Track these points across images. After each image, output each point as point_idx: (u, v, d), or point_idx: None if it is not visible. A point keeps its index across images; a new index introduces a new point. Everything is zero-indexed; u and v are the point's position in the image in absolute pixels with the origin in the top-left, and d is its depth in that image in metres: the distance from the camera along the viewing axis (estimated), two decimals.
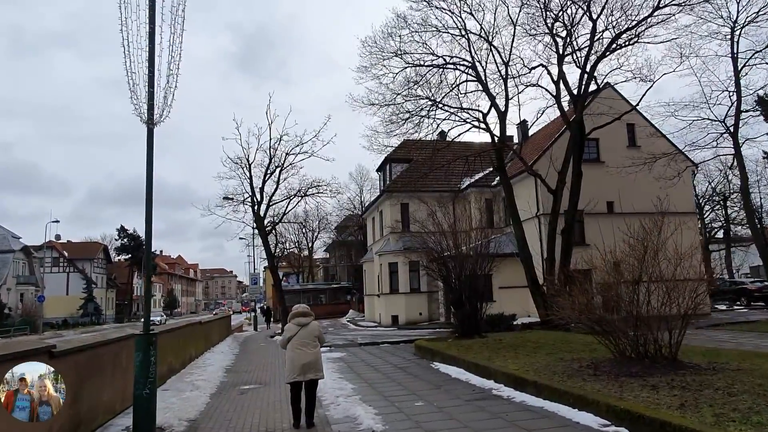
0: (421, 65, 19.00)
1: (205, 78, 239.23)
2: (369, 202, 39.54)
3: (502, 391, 8.16)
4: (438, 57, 18.93)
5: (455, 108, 19.32)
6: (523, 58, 24.00)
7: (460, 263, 15.14)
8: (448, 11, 18.28)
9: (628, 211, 19.03)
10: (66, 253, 64.94)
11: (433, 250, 16.61)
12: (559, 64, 17.97)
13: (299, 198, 29.34)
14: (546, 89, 19.00)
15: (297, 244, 60.10)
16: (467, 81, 19.38)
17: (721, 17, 20.01)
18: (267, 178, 27.66)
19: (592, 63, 17.61)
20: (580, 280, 9.13)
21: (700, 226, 37.54)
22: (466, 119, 19.43)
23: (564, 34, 17.83)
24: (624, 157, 22.52)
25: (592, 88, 18.51)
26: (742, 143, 21.31)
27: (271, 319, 37.18)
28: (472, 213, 23.28)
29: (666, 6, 16.46)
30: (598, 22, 17.21)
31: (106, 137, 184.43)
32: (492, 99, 18.98)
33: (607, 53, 17.55)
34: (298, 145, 26.98)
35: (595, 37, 17.35)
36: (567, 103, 19.98)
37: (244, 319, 48.65)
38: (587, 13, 17.18)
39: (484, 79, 18.85)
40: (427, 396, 8.25)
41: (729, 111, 20.82)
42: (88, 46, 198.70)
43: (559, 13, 17.46)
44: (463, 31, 18.50)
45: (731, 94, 20.72)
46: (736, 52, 20.62)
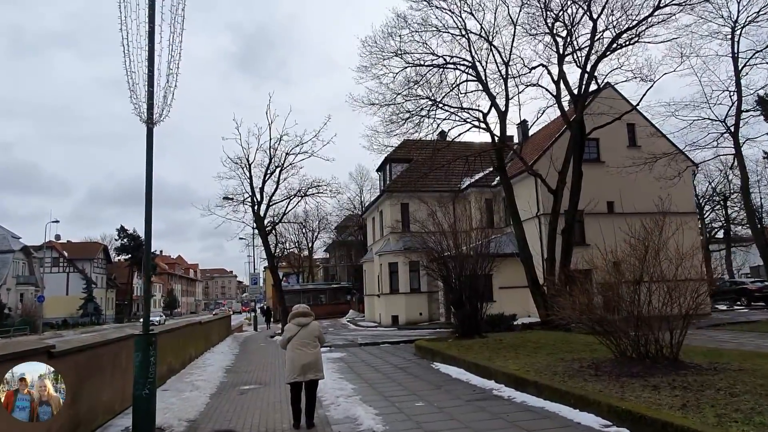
0: (421, 65, 19.01)
1: (205, 78, 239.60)
2: (369, 202, 39.53)
3: (502, 391, 8.14)
4: (438, 57, 18.95)
5: (455, 108, 19.33)
6: (523, 58, 24.09)
7: (460, 263, 15.12)
8: (448, 11, 18.31)
9: (628, 211, 18.99)
10: (66, 253, 64.92)
11: (434, 250, 16.59)
12: (560, 63, 17.98)
13: (299, 198, 29.35)
14: (546, 89, 19.03)
15: (297, 244, 60.13)
16: (467, 81, 19.40)
17: (722, 17, 20.04)
18: (267, 178, 27.68)
19: (592, 63, 17.62)
20: (580, 280, 9.12)
21: (701, 226, 37.51)
22: (467, 119, 19.44)
23: (564, 33, 17.85)
24: (624, 157, 22.54)
25: (593, 87, 18.51)
26: (743, 143, 21.33)
27: (271, 319, 37.13)
28: (473, 213, 23.24)
29: (666, 5, 16.48)
30: (599, 22, 17.25)
31: (106, 137, 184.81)
32: (492, 99, 18.98)
33: (608, 53, 17.56)
34: (298, 145, 26.98)
35: (596, 37, 17.36)
36: (567, 103, 19.96)
37: (244, 319, 48.64)
38: (588, 12, 17.18)
39: (484, 78, 18.85)
40: (427, 396, 8.23)
41: (729, 111, 20.84)
42: (88, 46, 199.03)
43: (560, 13, 17.47)
44: (463, 31, 18.52)
45: (732, 93, 20.74)
46: (736, 51, 20.63)
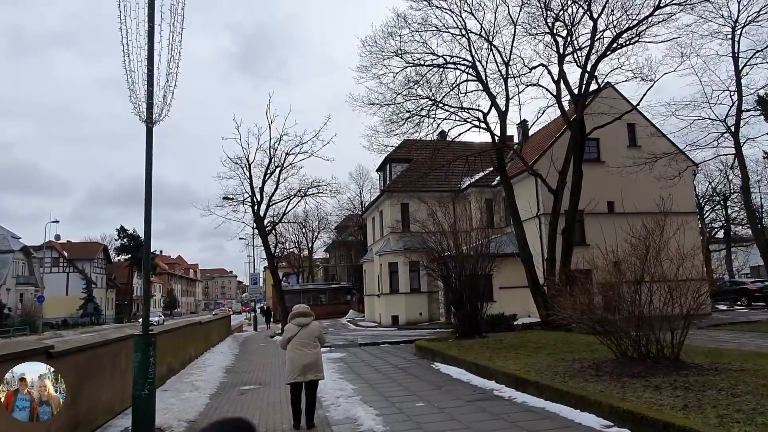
0: (421, 65, 18.99)
1: (205, 78, 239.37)
2: (369, 202, 39.50)
3: (503, 391, 8.12)
4: (438, 56, 18.93)
5: (455, 108, 19.31)
6: (523, 58, 24.10)
7: (460, 263, 15.10)
8: (448, 11, 18.28)
9: (628, 211, 18.96)
10: (66, 253, 64.85)
11: (434, 250, 16.57)
12: (560, 63, 17.96)
13: (299, 198, 29.29)
14: (546, 89, 19.01)
15: (297, 244, 60.06)
16: (467, 81, 19.39)
17: (722, 17, 20.03)
18: (267, 178, 27.63)
19: (592, 62, 17.59)
20: (581, 279, 9.10)
21: (701, 226, 37.49)
22: (467, 119, 19.41)
23: (564, 33, 17.83)
24: (624, 156, 22.52)
25: (593, 87, 18.49)
26: (743, 143, 21.33)
27: (271, 319, 37.12)
28: (473, 213, 23.19)
29: (667, 5, 16.47)
30: (599, 22, 17.23)
31: (106, 137, 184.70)
32: (492, 99, 18.96)
33: (608, 53, 17.54)
34: (298, 145, 26.93)
35: (596, 37, 17.34)
36: (567, 103, 19.94)
37: (244, 319, 48.60)
38: (588, 12, 17.16)
39: (484, 78, 18.83)
40: (428, 397, 8.21)
41: (730, 111, 20.85)
42: (88, 46, 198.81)
43: (560, 13, 17.45)
44: (463, 31, 18.49)
45: (732, 93, 20.74)
46: (737, 51, 20.63)
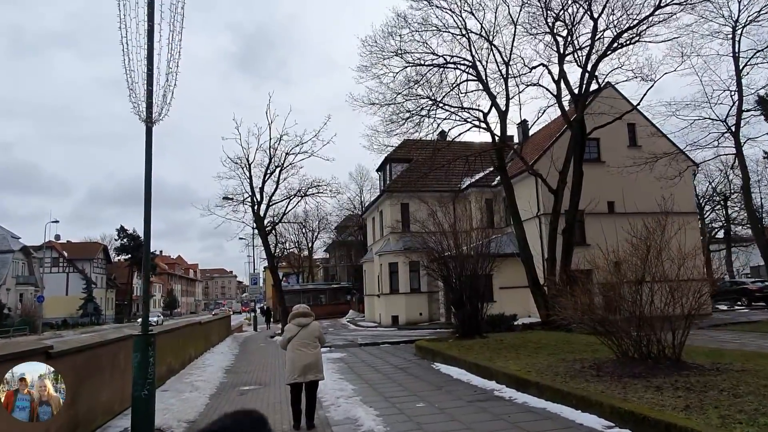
0: (421, 65, 18.98)
1: (205, 78, 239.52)
2: (369, 202, 39.47)
3: (503, 392, 8.10)
4: (438, 56, 18.92)
5: (456, 107, 19.29)
6: (523, 58, 24.09)
7: (460, 263, 15.08)
8: (448, 10, 18.26)
9: (629, 210, 18.96)
10: (66, 254, 64.77)
11: (434, 250, 16.55)
12: (560, 63, 17.94)
13: (299, 198, 29.28)
14: (547, 88, 19.00)
15: (297, 244, 60.00)
16: (468, 80, 19.37)
17: (723, 16, 20.01)
18: (267, 178, 27.61)
19: (593, 62, 17.57)
20: (582, 280, 9.08)
21: (701, 226, 37.48)
22: (467, 119, 19.40)
23: (565, 33, 17.80)
24: (625, 156, 22.48)
25: (593, 87, 18.46)
26: (744, 143, 21.33)
27: (271, 319, 37.09)
28: (473, 213, 23.16)
29: (667, 5, 16.44)
30: (599, 21, 17.21)
31: (106, 137, 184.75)
32: (493, 98, 18.94)
33: (608, 52, 17.51)
34: (298, 145, 26.91)
35: (596, 36, 17.32)
36: (568, 103, 19.92)
37: (244, 319, 48.55)
38: (588, 12, 17.14)
39: (484, 78, 18.81)
40: (428, 397, 8.19)
41: (730, 110, 20.85)
42: (88, 46, 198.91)
43: (560, 13, 17.43)
44: (463, 31, 18.47)
45: (733, 93, 20.73)
46: (737, 51, 20.63)
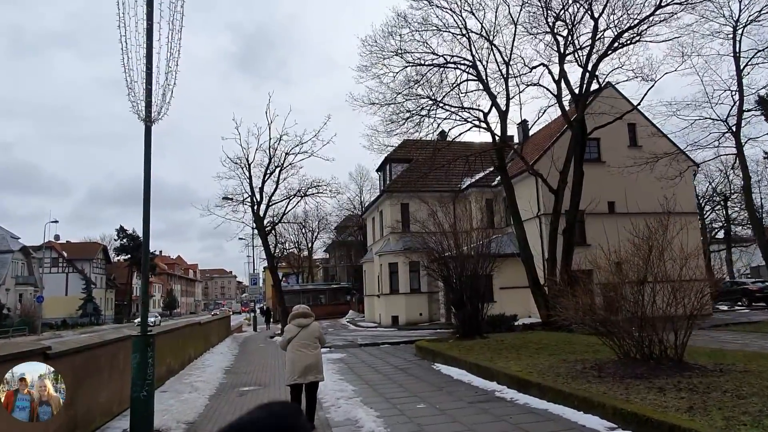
0: (421, 64, 18.95)
1: (205, 78, 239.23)
2: (369, 202, 39.42)
3: (505, 392, 8.05)
4: (439, 56, 18.89)
5: (456, 107, 19.27)
6: (524, 57, 24.06)
7: (461, 263, 15.04)
8: (448, 10, 18.23)
9: (629, 211, 18.94)
10: (65, 254, 64.68)
11: (434, 250, 16.50)
12: (561, 63, 17.90)
13: (299, 198, 29.25)
14: (547, 88, 18.97)
15: (297, 244, 59.95)
16: (468, 80, 19.34)
17: (723, 16, 20.01)
18: (266, 178, 27.58)
19: (593, 62, 17.53)
20: (583, 280, 9.04)
21: (701, 226, 37.44)
22: (467, 119, 19.37)
23: (565, 33, 17.77)
24: (625, 156, 22.45)
25: (594, 87, 18.43)
26: (745, 143, 21.32)
27: (271, 319, 37.05)
28: (473, 213, 23.13)
29: (668, 5, 16.41)
30: (600, 21, 17.17)
31: (106, 137, 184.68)
32: (493, 98, 18.90)
33: (609, 52, 17.47)
34: (297, 145, 26.87)
35: (597, 36, 17.28)
36: (568, 103, 19.88)
37: (244, 319, 48.48)
38: (589, 11, 17.10)
39: (484, 78, 18.78)
40: (429, 398, 8.14)
41: (731, 110, 20.82)
42: (88, 46, 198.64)
43: (561, 12, 17.39)
44: (463, 30, 18.45)
45: (733, 93, 20.72)
46: (738, 51, 20.61)
